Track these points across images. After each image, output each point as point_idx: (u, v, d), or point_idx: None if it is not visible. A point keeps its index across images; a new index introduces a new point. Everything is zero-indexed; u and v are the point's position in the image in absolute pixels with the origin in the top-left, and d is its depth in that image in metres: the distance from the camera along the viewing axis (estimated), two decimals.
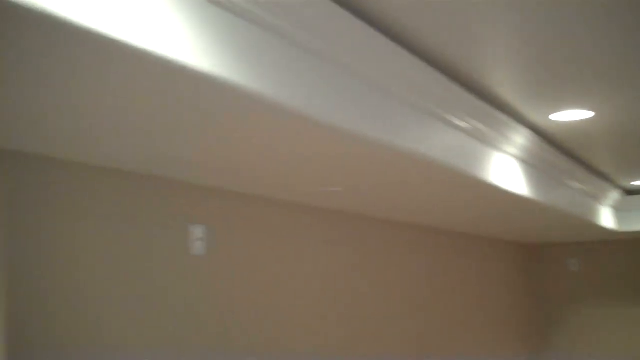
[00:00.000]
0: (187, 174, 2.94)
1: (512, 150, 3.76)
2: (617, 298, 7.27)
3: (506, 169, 3.72)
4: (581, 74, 2.87)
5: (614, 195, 5.99)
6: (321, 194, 3.56)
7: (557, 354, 7.49)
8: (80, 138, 2.30)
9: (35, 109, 1.98)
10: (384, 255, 4.67)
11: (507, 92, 3.15)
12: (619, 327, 7.23)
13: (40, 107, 1.97)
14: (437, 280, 5.44)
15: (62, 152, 2.47)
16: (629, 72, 2.86)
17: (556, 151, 4.31)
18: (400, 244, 4.92)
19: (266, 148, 2.56)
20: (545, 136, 4.04)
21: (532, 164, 4.11)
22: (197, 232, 3.09)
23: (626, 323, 7.21)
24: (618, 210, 6.39)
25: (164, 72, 1.72)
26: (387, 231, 4.74)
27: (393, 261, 4.79)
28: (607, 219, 5.99)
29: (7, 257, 2.32)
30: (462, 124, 3.15)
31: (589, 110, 3.44)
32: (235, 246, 3.33)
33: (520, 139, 3.76)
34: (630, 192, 6.31)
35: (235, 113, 2.10)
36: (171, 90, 1.87)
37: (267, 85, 1.97)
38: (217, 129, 2.27)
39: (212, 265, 3.17)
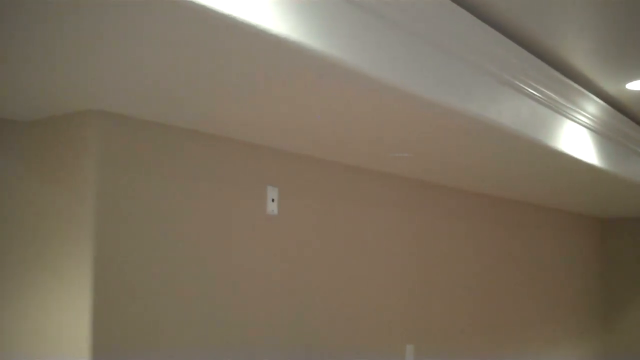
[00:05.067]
0: (262, 137, 3.06)
1: (585, 120, 3.74)
2: None
3: (578, 139, 3.71)
4: None
5: None
6: (391, 160, 3.64)
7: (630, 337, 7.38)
8: (164, 99, 2.44)
9: (116, 69, 2.12)
10: (452, 225, 4.72)
11: (581, 60, 3.15)
12: None
13: (122, 67, 2.11)
14: (507, 252, 5.45)
15: (148, 114, 2.62)
16: None
17: (631, 122, 4.25)
18: (469, 213, 4.95)
19: (339, 114, 2.65)
20: (620, 106, 4.00)
21: (606, 135, 4.08)
22: (272, 193, 3.23)
23: None
24: None
25: (243, 36, 1.82)
26: (455, 200, 4.79)
27: (460, 231, 4.83)
28: None
29: (96, 210, 2.50)
30: (534, 92, 3.17)
31: None
32: (304, 208, 3.45)
33: (593, 108, 3.73)
34: None
35: (310, 79, 2.20)
36: (255, 56, 1.98)
37: (341, 51, 2.06)
38: (294, 95, 2.38)
39: (284, 225, 3.31)
